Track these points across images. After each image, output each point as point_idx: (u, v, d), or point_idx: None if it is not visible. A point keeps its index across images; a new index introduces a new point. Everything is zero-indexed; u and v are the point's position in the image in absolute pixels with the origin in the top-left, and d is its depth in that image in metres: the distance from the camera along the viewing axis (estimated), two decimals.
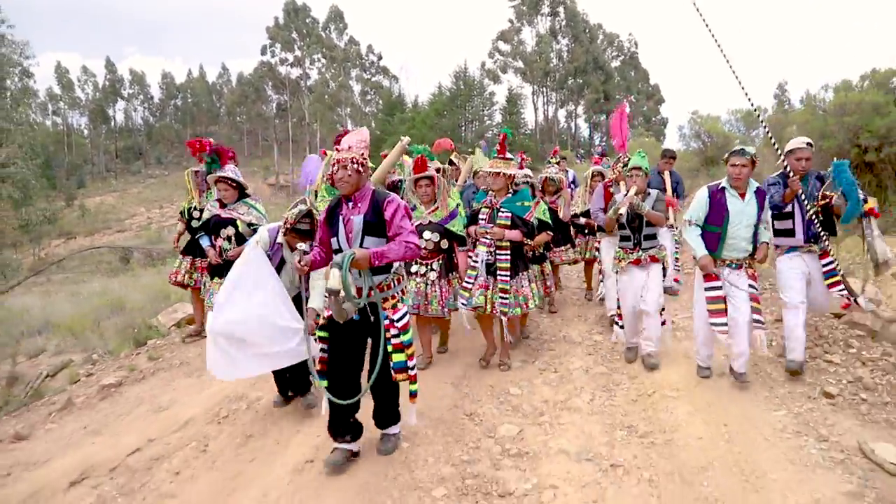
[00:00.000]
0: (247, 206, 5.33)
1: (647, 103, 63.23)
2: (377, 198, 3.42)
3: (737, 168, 4.31)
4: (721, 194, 4.42)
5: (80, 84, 69.95)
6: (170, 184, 66.83)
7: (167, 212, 57.78)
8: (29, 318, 9.35)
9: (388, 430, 3.72)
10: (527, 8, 53.56)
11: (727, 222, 4.34)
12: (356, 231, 3.37)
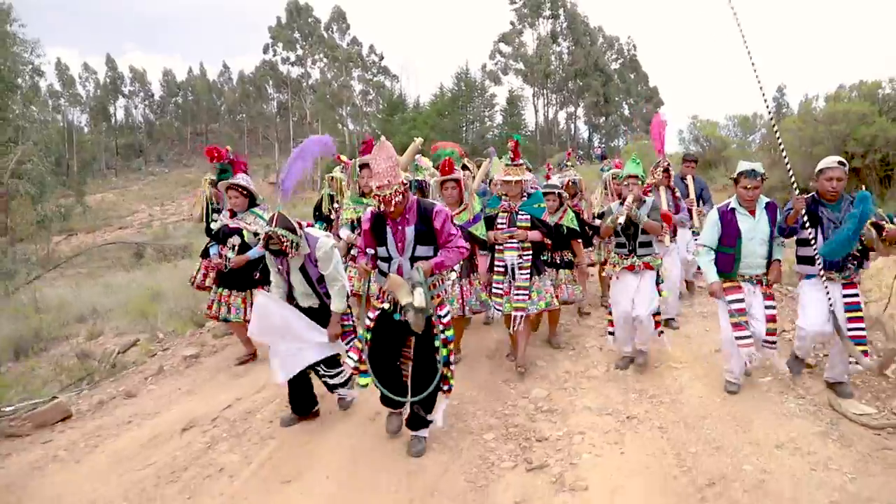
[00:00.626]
0: (254, 215, 5.42)
1: (647, 106, 64.08)
2: (424, 208, 3.66)
3: (748, 190, 4.30)
4: (731, 214, 4.42)
5: (81, 81, 70.59)
6: (170, 181, 67.34)
7: (168, 209, 58.32)
8: (73, 307, 10.09)
9: (418, 433, 3.89)
10: (528, 10, 54.39)
11: (740, 242, 4.36)
12: (409, 241, 3.61)
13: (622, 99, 62.36)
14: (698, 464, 3.54)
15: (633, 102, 63.14)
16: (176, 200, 60.82)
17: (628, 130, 62.72)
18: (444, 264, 3.63)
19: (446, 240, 3.66)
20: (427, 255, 3.67)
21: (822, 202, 4.24)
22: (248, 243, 5.35)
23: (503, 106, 52.97)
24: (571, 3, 56.30)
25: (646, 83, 65.03)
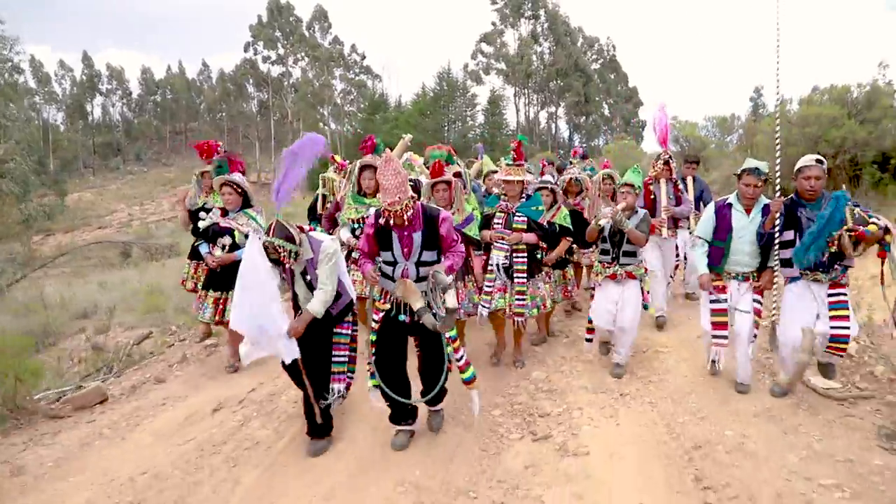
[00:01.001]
0: (247, 216, 5.32)
1: (626, 105, 65.04)
2: (428, 214, 3.77)
3: (749, 188, 4.38)
4: (727, 210, 4.52)
5: (57, 78, 69.79)
6: (150, 180, 66.84)
7: (148, 209, 57.92)
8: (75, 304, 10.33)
9: (435, 408, 4.19)
10: (509, 11, 54.99)
11: (730, 238, 4.46)
12: (416, 246, 3.73)
13: (602, 99, 63.25)
14: (685, 431, 4.02)
15: (612, 102, 64.07)
16: (156, 200, 60.43)
17: (608, 130, 63.72)
18: (454, 268, 3.79)
19: (450, 244, 3.81)
20: (431, 259, 3.79)
21: (802, 202, 4.21)
22: (239, 244, 5.20)
23: (485, 105, 53.41)
24: (553, 4, 57.08)
25: (625, 83, 65.98)
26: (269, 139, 62.21)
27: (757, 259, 4.48)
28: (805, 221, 4.14)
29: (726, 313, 4.52)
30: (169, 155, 74.72)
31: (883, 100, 10.85)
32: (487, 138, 48.99)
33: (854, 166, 10.77)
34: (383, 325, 3.88)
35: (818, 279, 4.16)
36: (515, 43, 56.29)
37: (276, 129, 62.44)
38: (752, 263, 4.49)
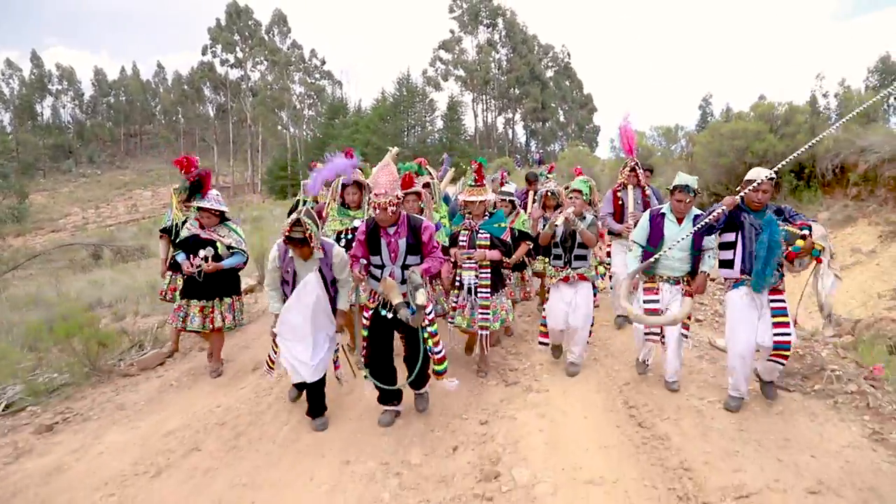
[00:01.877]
0: (227, 228, 5.62)
1: (581, 112, 67.52)
2: (413, 223, 4.29)
3: (681, 203, 4.75)
4: (661, 219, 4.89)
5: (4, 78, 68.50)
6: (104, 184, 65.90)
7: (104, 212, 57.31)
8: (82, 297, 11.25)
9: (420, 391, 4.71)
10: (468, 19, 56.72)
11: (661, 245, 4.80)
12: (401, 252, 4.24)
13: (558, 105, 65.58)
14: (620, 375, 5.41)
15: (568, 108, 66.48)
16: (111, 203, 59.86)
17: (564, 135, 66.04)
18: (430, 270, 4.28)
19: (430, 250, 4.32)
20: (415, 263, 4.28)
21: (746, 211, 4.45)
22: (221, 255, 5.48)
23: (444, 111, 55.18)
24: (510, 13, 59.08)
25: (580, 90, 68.49)
26: (228, 142, 62.30)
27: (688, 264, 4.83)
28: (748, 227, 4.40)
29: (658, 313, 4.80)
30: (123, 158, 73.79)
31: (798, 117, 12.61)
32: (446, 143, 50.53)
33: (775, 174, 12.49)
34: (372, 321, 4.39)
35: None
36: (474, 50, 58.09)
37: (234, 132, 62.70)
38: (682, 268, 4.84)
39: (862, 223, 10.18)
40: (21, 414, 4.99)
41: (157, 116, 78.83)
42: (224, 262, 5.43)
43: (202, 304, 5.49)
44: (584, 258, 5.38)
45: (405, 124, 54.00)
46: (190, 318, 5.47)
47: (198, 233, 5.46)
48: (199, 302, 5.49)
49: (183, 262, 5.40)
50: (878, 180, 10.32)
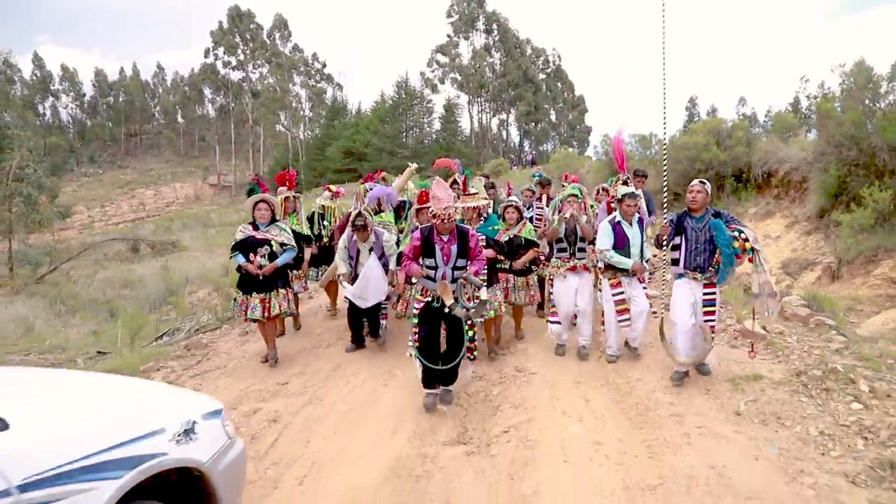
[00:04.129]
0: (278, 228, 6.17)
1: (573, 113, 70.84)
2: (461, 231, 4.89)
3: (630, 207, 5.67)
4: (619, 226, 5.69)
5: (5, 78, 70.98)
6: (106, 183, 67.79)
7: (109, 210, 59.85)
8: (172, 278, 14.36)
9: (449, 388, 5.12)
10: (463, 24, 59.84)
11: (628, 246, 5.65)
12: (452, 255, 4.80)
13: (550, 106, 68.83)
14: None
15: (560, 109, 69.77)
16: (115, 202, 62.45)
17: (556, 136, 69.34)
18: (479, 271, 4.88)
19: (476, 254, 4.92)
20: (463, 265, 4.88)
21: (690, 214, 5.28)
22: (276, 252, 6.05)
23: (441, 113, 58.13)
24: (504, 18, 62.28)
25: (572, 91, 71.76)
26: (229, 142, 64.87)
27: (639, 258, 5.79)
28: (690, 231, 5.24)
29: (625, 302, 5.72)
30: (124, 157, 76.31)
31: (738, 133, 15.83)
32: (443, 144, 53.49)
33: (719, 179, 15.69)
34: (423, 311, 4.95)
35: (696, 278, 5.27)
36: (469, 54, 61.25)
37: (235, 132, 65.39)
38: (639, 261, 5.78)
39: (777, 216, 13.43)
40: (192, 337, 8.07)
41: (156, 117, 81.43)
42: (278, 261, 6.01)
43: (262, 296, 5.99)
44: (584, 251, 6.19)
45: (403, 126, 56.90)
46: (251, 309, 5.94)
47: (252, 234, 6.03)
48: (259, 294, 5.99)
49: (245, 265, 5.92)
50: (790, 184, 13.59)
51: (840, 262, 9.69)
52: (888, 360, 5.33)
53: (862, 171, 10.09)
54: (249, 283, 5.98)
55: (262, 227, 6.08)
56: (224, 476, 2.64)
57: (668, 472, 3.80)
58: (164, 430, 2.41)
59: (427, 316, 4.95)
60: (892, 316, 7.65)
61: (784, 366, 5.54)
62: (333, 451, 4.25)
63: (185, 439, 2.47)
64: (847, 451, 3.96)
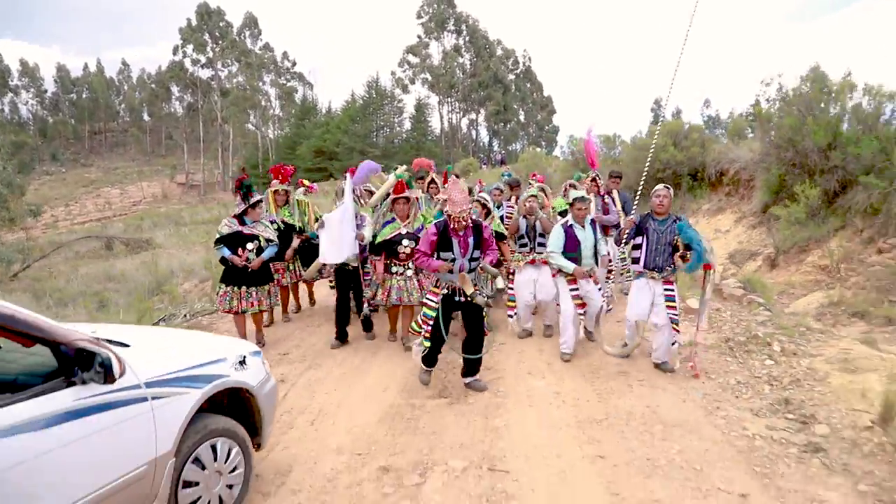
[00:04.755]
0: (263, 225, 6.47)
1: (541, 113, 72.21)
2: (475, 224, 5.13)
3: (581, 211, 5.86)
4: (571, 229, 5.89)
5: None
6: (70, 182, 66.85)
7: (73, 210, 59.03)
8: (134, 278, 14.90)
9: (476, 377, 5.32)
10: (434, 24, 60.68)
11: (580, 248, 5.84)
12: (469, 247, 5.02)
13: (519, 107, 70.08)
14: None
15: (528, 109, 71.07)
16: (80, 201, 61.57)
17: (525, 136, 70.63)
18: (493, 261, 5.24)
19: (489, 245, 5.17)
20: (477, 255, 5.10)
21: (653, 217, 5.55)
22: (263, 248, 6.35)
23: (411, 113, 59.07)
24: (473, 20, 63.28)
25: (541, 92, 73.10)
26: (198, 141, 64.53)
27: (593, 259, 6.03)
28: (652, 233, 5.52)
29: (581, 297, 5.99)
30: (88, 155, 75.35)
31: (693, 134, 16.99)
32: (414, 143, 54.35)
33: (676, 178, 16.81)
34: (442, 303, 5.13)
35: (654, 277, 5.58)
36: (439, 55, 62.12)
37: (203, 130, 65.12)
38: (590, 263, 6.00)
39: (727, 212, 14.57)
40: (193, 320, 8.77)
41: (121, 114, 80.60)
42: (264, 255, 6.31)
43: (250, 290, 6.31)
44: (543, 245, 6.46)
45: (374, 125, 57.57)
46: (237, 302, 6.23)
47: (240, 229, 6.24)
48: (242, 288, 6.28)
49: (231, 257, 6.16)
50: (739, 182, 14.74)
51: (777, 251, 10.78)
52: (801, 329, 6.32)
53: (798, 170, 11.20)
54: (235, 276, 6.21)
55: (249, 223, 6.30)
56: (266, 399, 3.47)
57: (612, 411, 4.72)
58: (226, 359, 3.22)
59: (444, 307, 5.15)
60: (817, 297, 8.74)
61: (717, 335, 6.49)
62: (335, 403, 5.04)
63: (239, 368, 3.29)
64: (756, 394, 4.93)
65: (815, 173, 10.78)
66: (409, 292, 6.21)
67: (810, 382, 5.01)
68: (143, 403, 2.57)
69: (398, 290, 6.21)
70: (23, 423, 2.09)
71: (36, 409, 2.15)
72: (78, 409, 2.28)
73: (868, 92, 10.82)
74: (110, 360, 2.33)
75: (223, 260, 6.28)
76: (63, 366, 2.33)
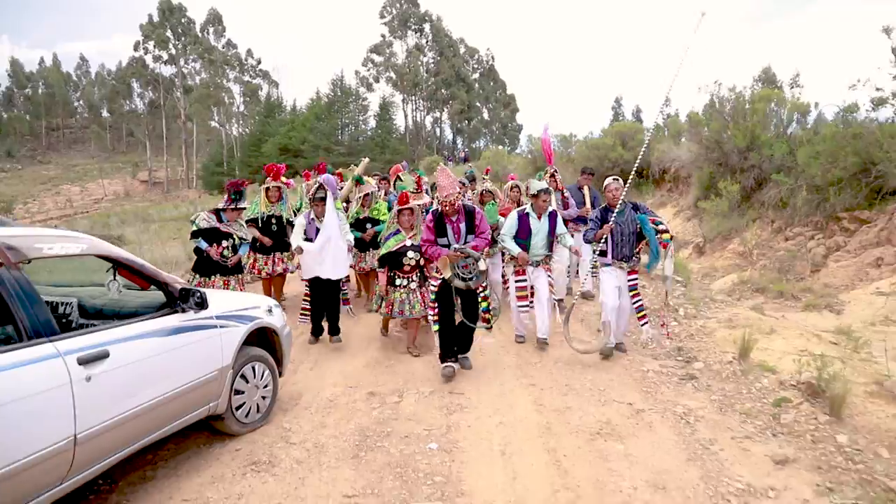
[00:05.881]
0: (238, 224, 6.91)
1: (504, 111, 73.80)
2: (468, 210, 5.45)
3: (543, 203, 6.07)
4: (526, 217, 6.10)
5: None
6: (27, 179, 65.92)
7: (32, 208, 58.32)
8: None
9: (466, 355, 5.78)
10: (397, 24, 61.81)
11: (531, 237, 6.10)
12: (462, 233, 5.37)
13: (482, 105, 71.62)
14: None
15: (492, 108, 72.64)
16: (38, 199, 60.87)
17: (488, 133, 72.20)
18: (478, 247, 5.41)
19: (481, 231, 5.46)
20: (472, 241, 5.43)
21: (611, 210, 5.82)
22: (237, 245, 6.74)
23: (376, 111, 59.71)
24: (437, 18, 64.57)
25: (504, 90, 74.70)
26: (161, 138, 64.39)
27: (546, 249, 6.27)
28: (613, 225, 5.76)
29: (527, 290, 6.26)
30: (45, 152, 74.37)
31: (639, 136, 18.63)
32: (378, 141, 55.33)
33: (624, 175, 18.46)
34: (440, 289, 5.48)
35: (622, 267, 5.88)
36: (403, 54, 63.29)
37: (166, 127, 64.94)
38: (543, 252, 6.27)
39: (668, 206, 16.23)
40: None
41: (80, 110, 79.73)
42: (240, 252, 6.78)
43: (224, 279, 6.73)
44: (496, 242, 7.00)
45: (339, 123, 58.45)
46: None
47: (217, 226, 6.64)
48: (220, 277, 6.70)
49: (208, 249, 6.53)
50: (678, 179, 16.41)
51: (705, 240, 12.41)
52: (706, 300, 7.85)
53: (723, 169, 12.85)
54: (209, 268, 6.62)
55: (226, 222, 6.71)
56: (285, 339, 4.76)
57: (546, 357, 6.10)
58: (260, 307, 4.51)
59: (444, 292, 5.49)
60: (732, 277, 10.33)
61: None
62: (327, 356, 6.29)
63: (269, 314, 4.57)
64: (658, 346, 6.36)
65: (737, 172, 12.43)
66: (411, 305, 6.22)
67: (700, 336, 6.53)
68: (215, 329, 3.85)
69: (400, 304, 6.26)
70: (154, 331, 3.37)
71: (161, 324, 3.43)
72: (181, 327, 3.56)
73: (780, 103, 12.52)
74: (205, 295, 3.63)
75: (198, 250, 6.67)
76: (169, 300, 3.61)
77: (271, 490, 3.52)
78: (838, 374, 4.64)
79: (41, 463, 2.59)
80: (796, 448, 3.99)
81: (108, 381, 2.96)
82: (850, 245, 9.73)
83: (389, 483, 3.61)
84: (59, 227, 4.26)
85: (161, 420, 3.40)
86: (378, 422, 4.54)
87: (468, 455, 3.99)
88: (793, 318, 7.53)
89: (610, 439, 4.18)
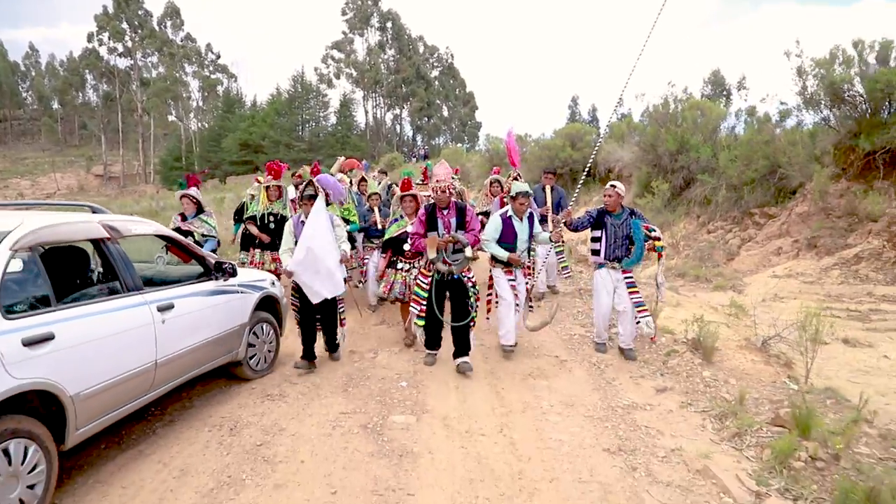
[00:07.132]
0: (201, 220, 7.01)
1: (464, 109, 75.19)
2: (459, 206, 5.76)
3: (522, 205, 6.01)
4: (509, 220, 6.06)
5: None
6: None
7: None
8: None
9: (466, 359, 5.77)
10: (358, 21, 62.63)
11: (516, 240, 6.06)
12: (452, 227, 5.63)
13: (442, 102, 72.90)
14: None
15: (451, 105, 73.96)
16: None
17: (448, 131, 73.52)
18: (470, 241, 5.69)
19: (471, 227, 5.77)
20: None
21: (608, 213, 6.04)
22: (200, 242, 6.70)
23: (336, 107, 60.87)
24: (396, 15, 65.51)
25: (463, 88, 76.05)
26: (117, 132, 63.83)
27: (527, 252, 6.29)
28: (610, 227, 6.01)
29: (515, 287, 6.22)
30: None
31: (587, 137, 20.19)
32: (339, 137, 56.17)
33: (573, 174, 19.96)
34: (431, 286, 5.77)
35: (615, 267, 6.11)
36: (364, 51, 64.19)
37: (122, 121, 64.47)
38: (525, 255, 6.25)
39: None
40: None
41: (29, 101, 78.19)
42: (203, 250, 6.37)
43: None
44: None
45: (300, 119, 59.17)
46: None
47: (179, 225, 6.91)
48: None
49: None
50: (622, 178, 17.99)
51: None
52: None
53: (657, 169, 14.45)
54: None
55: (189, 218, 7.07)
56: (284, 307, 6.00)
57: None
58: (266, 279, 5.74)
59: (436, 288, 5.76)
60: None
61: (574, 287, 9.42)
62: None
63: (273, 285, 5.79)
64: (587, 318, 7.71)
65: (669, 172, 14.04)
66: (410, 289, 6.32)
67: None
68: (238, 294, 5.09)
69: (401, 285, 6.51)
70: (200, 291, 4.60)
71: (203, 287, 4.66)
72: (217, 290, 4.79)
73: (709, 111, 14.18)
74: (235, 265, 4.88)
75: None
76: (206, 271, 4.84)
77: (285, 411, 4.78)
78: (713, 332, 6.11)
79: (137, 377, 3.79)
80: (673, 381, 5.46)
81: (175, 325, 4.17)
82: (759, 237, 11.39)
83: (372, 405, 4.90)
84: None
85: (205, 357, 4.64)
86: (359, 370, 5.82)
87: (430, 389, 5.31)
88: (702, 297, 9.07)
89: (539, 378, 5.56)
